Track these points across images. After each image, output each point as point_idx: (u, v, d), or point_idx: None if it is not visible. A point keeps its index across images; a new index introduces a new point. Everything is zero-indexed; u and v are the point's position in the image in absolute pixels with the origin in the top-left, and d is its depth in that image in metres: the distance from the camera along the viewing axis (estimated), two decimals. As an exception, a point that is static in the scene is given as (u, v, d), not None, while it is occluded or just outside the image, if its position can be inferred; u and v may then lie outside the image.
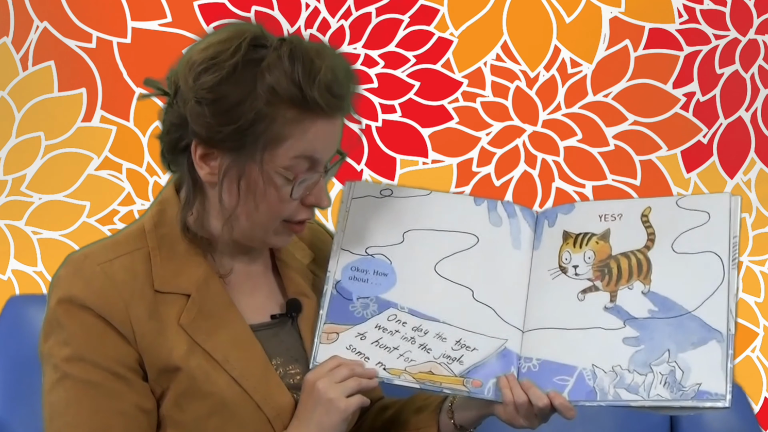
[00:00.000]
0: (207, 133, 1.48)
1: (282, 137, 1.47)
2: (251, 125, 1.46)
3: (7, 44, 2.47)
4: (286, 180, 1.50)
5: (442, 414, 1.64)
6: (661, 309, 1.53)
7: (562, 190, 2.68)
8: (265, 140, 1.47)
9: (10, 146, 2.50)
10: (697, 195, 1.58)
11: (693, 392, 1.47)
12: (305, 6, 2.56)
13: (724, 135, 2.71)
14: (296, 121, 1.47)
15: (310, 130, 1.48)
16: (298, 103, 1.46)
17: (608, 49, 2.66)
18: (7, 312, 2.14)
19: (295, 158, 1.49)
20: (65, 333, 1.49)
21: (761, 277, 2.76)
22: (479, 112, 2.64)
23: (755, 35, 2.69)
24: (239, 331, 1.54)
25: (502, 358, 1.56)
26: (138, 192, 2.54)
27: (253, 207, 1.51)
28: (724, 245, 1.52)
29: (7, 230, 2.51)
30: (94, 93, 2.50)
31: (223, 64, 1.46)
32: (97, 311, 1.48)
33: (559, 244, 1.60)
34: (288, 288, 1.63)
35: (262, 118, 1.46)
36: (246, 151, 1.47)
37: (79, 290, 1.49)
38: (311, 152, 1.50)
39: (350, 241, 1.65)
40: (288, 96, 1.46)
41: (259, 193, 1.50)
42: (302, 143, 1.49)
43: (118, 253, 1.53)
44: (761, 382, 2.75)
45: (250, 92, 1.45)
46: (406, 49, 2.61)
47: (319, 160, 1.52)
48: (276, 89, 1.46)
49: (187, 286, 1.53)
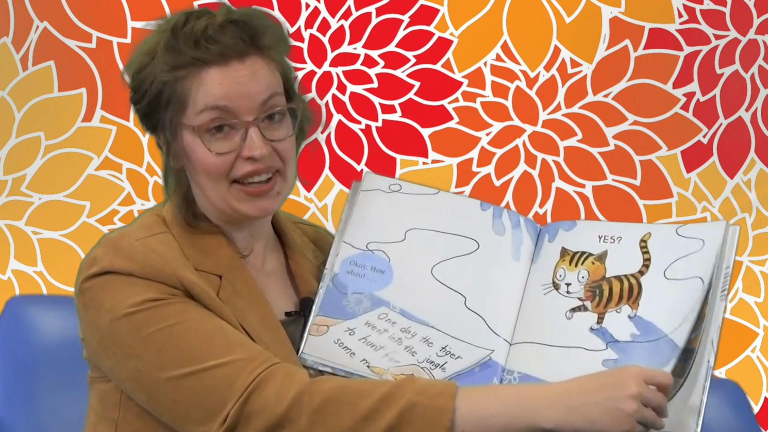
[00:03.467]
0: (144, 120, 1.56)
1: (184, 96, 1.51)
2: (157, 96, 1.52)
3: (7, 44, 2.47)
4: (206, 134, 1.51)
5: None
6: (643, 333, 1.51)
7: (562, 190, 2.68)
8: (173, 106, 1.51)
9: (10, 146, 2.50)
10: (697, 223, 1.57)
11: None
12: (305, 6, 2.56)
13: (724, 135, 2.71)
14: (188, 78, 1.50)
15: (204, 81, 1.50)
16: (183, 62, 1.51)
17: (608, 49, 2.66)
18: (7, 312, 2.14)
19: (201, 112, 1.51)
20: (123, 290, 1.46)
21: (761, 277, 2.76)
22: (479, 112, 2.64)
23: (755, 35, 2.69)
24: (267, 315, 1.54)
25: (485, 369, 1.55)
26: (138, 192, 2.54)
27: (196, 175, 1.54)
28: (708, 269, 1.52)
29: (7, 230, 2.51)
30: (94, 93, 2.50)
31: (136, 60, 1.55)
32: (146, 277, 1.47)
33: (556, 260, 1.60)
34: (300, 287, 1.63)
35: (163, 86, 1.51)
36: (167, 122, 1.52)
37: (122, 263, 1.47)
38: (213, 101, 1.50)
39: (352, 234, 1.64)
40: (176, 62, 1.51)
41: (192, 158, 1.52)
42: (201, 95, 1.51)
43: (153, 231, 1.53)
44: (761, 382, 2.75)
45: (151, 72, 1.52)
46: (406, 49, 2.61)
47: (229, 108, 1.51)
48: (167, 61, 1.51)
49: (218, 268, 1.53)
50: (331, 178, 2.60)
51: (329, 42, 2.58)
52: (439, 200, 1.66)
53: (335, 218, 2.57)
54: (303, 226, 1.73)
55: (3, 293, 2.40)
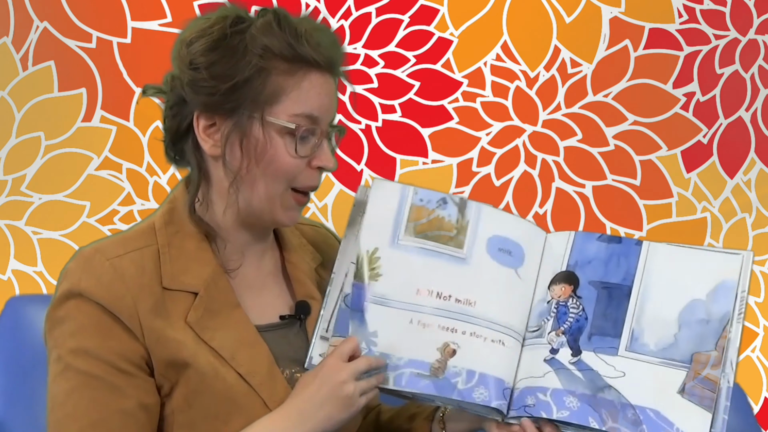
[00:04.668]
0: (206, 99, 1.51)
1: (278, 91, 1.50)
2: (247, 81, 1.49)
3: (7, 44, 2.47)
4: (289, 136, 1.51)
5: (434, 423, 1.64)
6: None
7: (562, 190, 2.68)
8: (262, 95, 1.50)
9: (10, 146, 2.50)
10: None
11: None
12: (305, 6, 2.56)
13: (724, 135, 2.72)
14: (290, 73, 1.50)
15: (304, 82, 1.51)
16: (289, 57, 1.50)
17: (608, 49, 2.66)
18: (7, 312, 2.13)
19: (294, 116, 1.51)
20: (72, 325, 1.50)
21: (761, 277, 2.76)
22: (479, 112, 2.64)
23: (755, 35, 2.69)
24: (245, 331, 1.54)
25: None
26: (138, 192, 2.54)
27: (257, 169, 1.52)
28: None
29: (7, 230, 2.51)
30: (94, 93, 2.50)
31: (213, 33, 1.51)
32: (106, 306, 1.49)
33: None
34: (297, 290, 1.63)
35: (258, 72, 1.50)
36: (245, 109, 1.50)
37: (88, 284, 1.50)
38: (309, 108, 1.52)
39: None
40: (279, 50, 1.50)
41: (262, 153, 1.51)
42: (299, 96, 1.51)
43: (128, 249, 1.53)
44: (761, 382, 2.75)
45: (243, 51, 1.50)
46: (406, 49, 2.61)
47: (318, 119, 1.53)
48: (268, 45, 1.50)
49: (196, 284, 1.53)
50: (331, 178, 2.60)
51: (329, 42, 2.58)
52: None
53: (335, 218, 2.57)
54: (302, 226, 1.73)
55: (3, 293, 2.40)
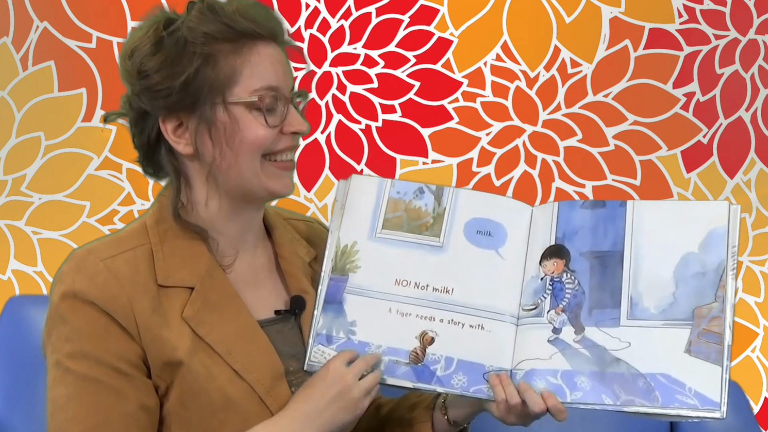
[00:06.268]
0: (165, 101, 1.53)
1: (231, 73, 1.52)
2: (198, 72, 1.51)
3: (7, 44, 2.47)
4: (256, 110, 1.53)
5: (436, 410, 1.65)
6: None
7: (562, 190, 2.68)
8: (218, 81, 1.52)
9: (10, 146, 2.50)
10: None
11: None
12: (305, 6, 2.56)
13: (724, 135, 2.71)
14: (236, 53, 1.52)
15: (252, 57, 1.53)
16: (231, 37, 1.52)
17: (608, 49, 2.66)
18: (7, 312, 2.14)
19: (254, 91, 1.53)
20: (68, 328, 1.50)
21: (761, 277, 2.76)
22: (479, 112, 2.64)
23: (755, 35, 2.69)
24: (244, 322, 1.55)
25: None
26: (138, 192, 2.54)
27: (230, 153, 1.53)
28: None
29: (7, 230, 2.51)
30: (94, 93, 2.50)
31: (150, 37, 1.54)
32: (101, 306, 1.49)
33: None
34: (291, 285, 1.64)
35: (205, 60, 1.51)
36: (205, 100, 1.52)
37: (82, 285, 1.50)
38: (266, 80, 1.53)
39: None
40: (219, 33, 1.51)
41: (232, 135, 1.53)
42: (252, 71, 1.53)
43: (121, 249, 1.54)
44: (761, 382, 2.75)
45: (184, 44, 1.52)
46: (406, 49, 2.61)
47: (277, 87, 1.55)
48: (207, 32, 1.51)
49: (191, 279, 1.54)
50: (331, 178, 2.60)
51: (329, 42, 2.58)
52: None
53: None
54: (294, 222, 1.74)
55: (3, 293, 2.41)
